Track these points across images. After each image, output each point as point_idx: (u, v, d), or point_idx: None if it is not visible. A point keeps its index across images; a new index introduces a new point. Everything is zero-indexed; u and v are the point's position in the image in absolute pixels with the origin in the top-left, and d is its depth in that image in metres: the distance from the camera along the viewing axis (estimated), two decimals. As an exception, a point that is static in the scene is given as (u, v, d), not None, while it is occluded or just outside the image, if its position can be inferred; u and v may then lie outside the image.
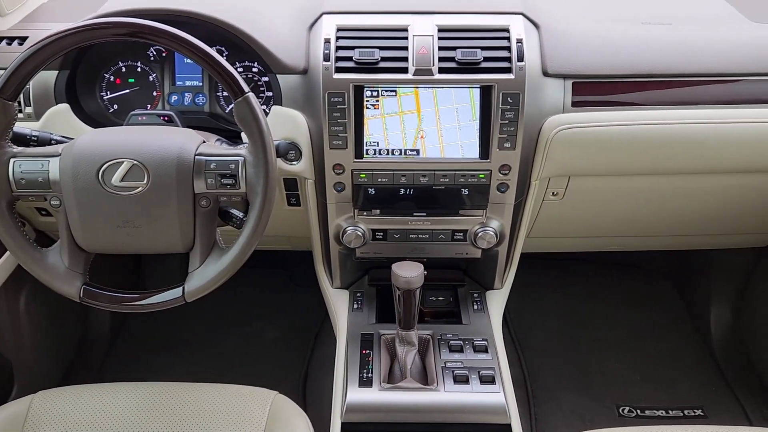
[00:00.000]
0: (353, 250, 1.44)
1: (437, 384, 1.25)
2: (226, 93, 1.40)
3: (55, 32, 1.00)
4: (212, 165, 1.06)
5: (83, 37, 1.01)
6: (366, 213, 1.38)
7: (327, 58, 1.25)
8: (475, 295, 1.50)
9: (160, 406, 1.17)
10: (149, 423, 1.13)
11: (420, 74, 1.25)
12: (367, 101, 1.27)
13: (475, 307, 1.47)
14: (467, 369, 1.27)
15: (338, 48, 1.27)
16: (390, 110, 1.28)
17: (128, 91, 1.42)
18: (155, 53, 1.42)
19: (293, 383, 1.88)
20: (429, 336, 1.36)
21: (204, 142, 1.11)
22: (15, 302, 1.68)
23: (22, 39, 1.37)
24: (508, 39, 1.27)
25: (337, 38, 1.28)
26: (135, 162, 1.04)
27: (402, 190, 1.34)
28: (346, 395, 1.23)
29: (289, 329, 2.08)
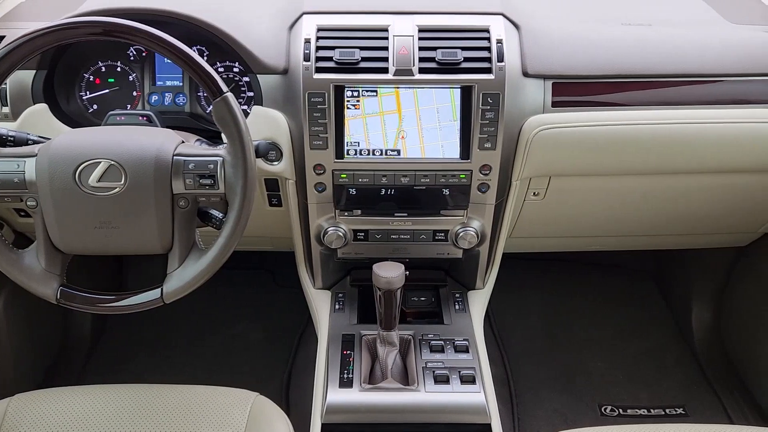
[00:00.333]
0: (335, 251, 1.44)
1: (418, 384, 1.25)
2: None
3: (29, 32, 0.99)
4: (191, 165, 1.06)
5: (57, 37, 1.00)
6: (347, 213, 1.38)
7: (307, 58, 1.25)
8: (457, 296, 1.50)
9: (139, 409, 1.16)
10: (127, 425, 1.12)
11: (400, 74, 1.25)
12: (348, 101, 1.27)
13: (457, 308, 1.47)
14: (448, 369, 1.27)
15: (318, 48, 1.26)
16: (371, 110, 1.28)
17: (108, 91, 1.41)
18: (135, 53, 1.41)
19: (277, 384, 1.88)
20: (410, 336, 1.35)
21: (183, 143, 1.11)
22: (-7, 304, 1.66)
23: None
24: (489, 39, 1.28)
25: (318, 38, 1.27)
26: (112, 162, 1.03)
27: (383, 191, 1.34)
28: (327, 396, 1.23)
29: (273, 330, 2.07)
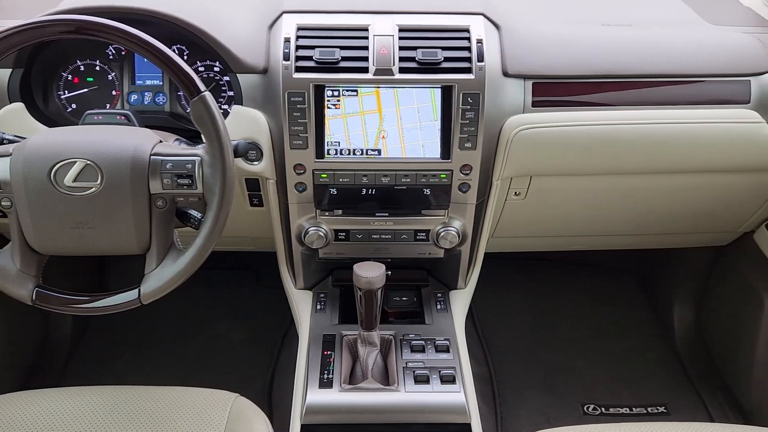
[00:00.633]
0: (316, 251, 1.44)
1: (398, 384, 1.24)
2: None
3: (0, 31, 0.98)
4: (168, 165, 1.05)
5: (30, 36, 0.99)
6: (328, 213, 1.38)
7: (287, 58, 1.25)
8: (439, 295, 1.50)
9: (117, 411, 1.14)
10: (105, 427, 1.11)
11: (380, 74, 1.25)
12: (328, 101, 1.27)
13: (439, 307, 1.47)
14: (428, 369, 1.27)
15: (298, 47, 1.26)
16: (351, 110, 1.28)
17: (87, 91, 1.40)
18: (114, 52, 1.40)
19: (260, 385, 1.87)
20: (391, 336, 1.35)
21: (161, 142, 1.10)
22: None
23: None
24: (469, 39, 1.28)
25: (298, 37, 1.27)
26: (88, 162, 1.02)
27: (364, 191, 1.34)
28: (306, 397, 1.23)
29: (257, 331, 2.07)
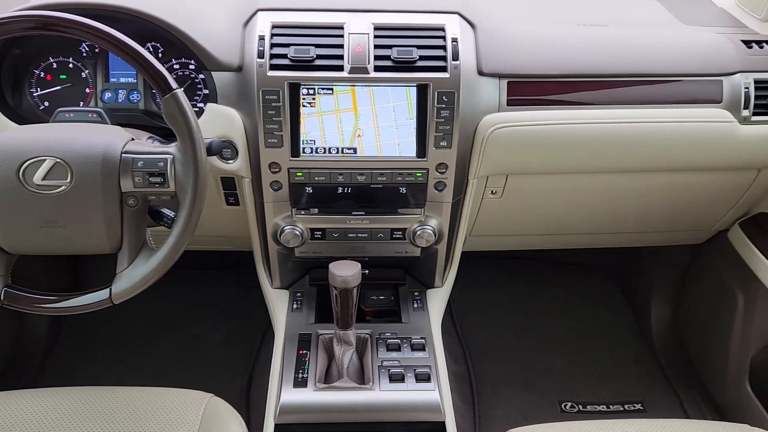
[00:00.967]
0: (292, 250, 1.43)
1: (373, 383, 1.24)
2: None
3: None
4: (140, 163, 1.04)
5: None
6: (304, 212, 1.37)
7: (261, 56, 1.24)
8: (416, 294, 1.50)
9: (90, 411, 1.13)
10: (78, 428, 1.10)
11: (356, 72, 1.25)
12: (304, 99, 1.26)
13: (416, 306, 1.47)
14: (403, 367, 1.27)
15: (273, 45, 1.25)
16: (327, 108, 1.28)
17: (59, 88, 1.38)
18: (88, 49, 1.39)
19: (238, 386, 1.86)
20: (367, 335, 1.35)
21: (133, 140, 1.09)
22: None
23: None
24: (444, 38, 1.28)
25: (272, 35, 1.26)
26: (58, 160, 1.01)
27: (340, 189, 1.33)
28: (280, 396, 1.22)
29: (236, 331, 2.06)
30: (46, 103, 1.38)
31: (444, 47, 1.27)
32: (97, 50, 1.39)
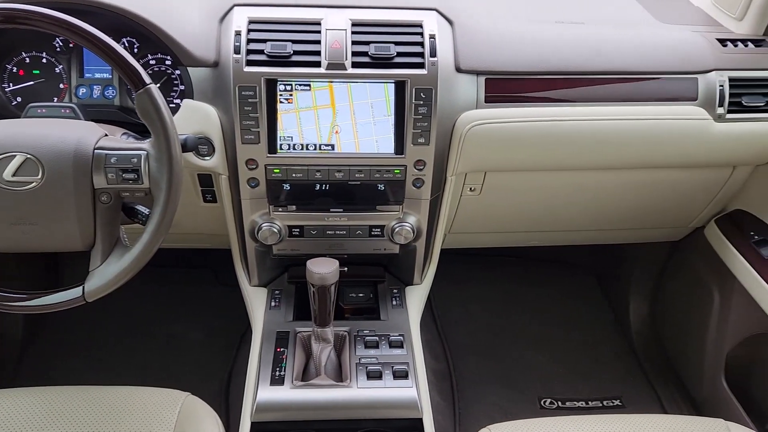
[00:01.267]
0: (270, 247, 1.42)
1: (350, 380, 1.24)
2: None
3: None
4: (113, 159, 1.03)
5: None
6: (281, 209, 1.36)
7: (237, 51, 1.23)
8: (395, 291, 1.50)
9: (65, 411, 1.12)
10: (53, 428, 1.09)
11: (333, 68, 1.24)
12: (281, 95, 1.26)
13: (394, 303, 1.47)
14: (381, 365, 1.27)
15: (249, 41, 1.24)
16: (304, 105, 1.27)
17: (33, 83, 1.36)
18: (62, 44, 1.36)
19: (217, 385, 1.85)
20: (346, 333, 1.35)
21: (106, 136, 1.08)
22: None
23: None
24: (422, 34, 1.28)
25: (249, 31, 1.25)
26: (28, 155, 1.00)
27: (317, 186, 1.33)
28: (257, 394, 1.21)
29: (215, 330, 2.04)
30: (19, 99, 1.36)
31: (422, 44, 1.27)
32: (72, 45, 1.37)
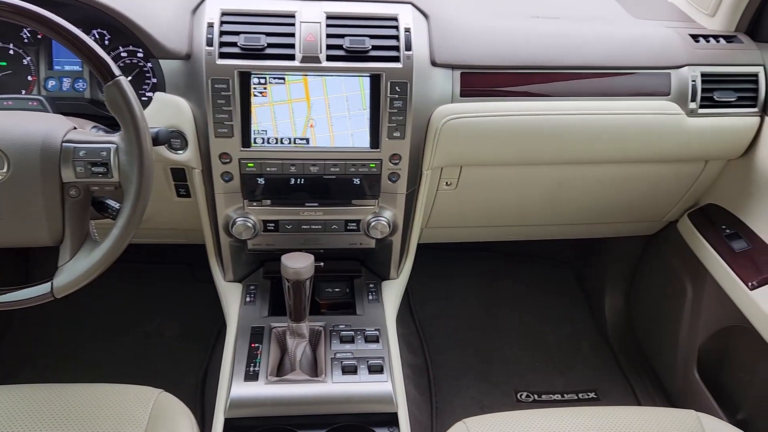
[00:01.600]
0: (245, 242, 1.41)
1: (325, 375, 1.23)
2: None
3: None
4: (81, 152, 1.01)
5: None
6: (256, 203, 1.35)
7: (210, 43, 1.22)
8: (371, 286, 1.50)
9: (32, 410, 1.10)
10: (22, 426, 1.07)
11: (307, 61, 1.23)
12: (255, 88, 1.24)
13: (370, 298, 1.46)
14: (356, 359, 1.26)
15: (222, 33, 1.23)
16: (278, 98, 1.26)
17: None
18: (29, 35, 1.33)
19: (193, 382, 1.83)
20: (321, 328, 1.34)
21: (75, 129, 1.06)
22: None
23: None
24: (397, 28, 1.27)
25: (222, 23, 1.24)
26: None
27: (292, 180, 1.32)
28: (230, 390, 1.20)
29: (191, 327, 2.02)
30: None
31: (397, 37, 1.26)
32: (40, 37, 1.34)
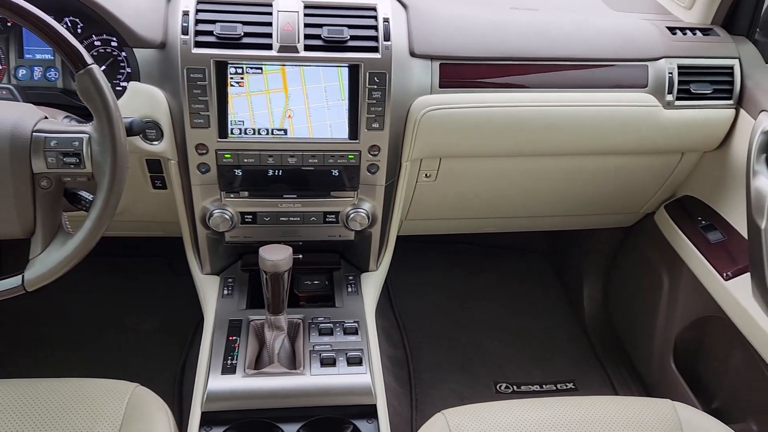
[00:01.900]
0: (222, 235, 1.39)
1: (303, 368, 1.22)
2: None
3: None
4: (53, 143, 0.99)
5: None
6: (233, 195, 1.34)
7: (185, 32, 1.20)
8: (350, 278, 1.49)
9: (7, 405, 1.08)
10: (-8, 422, 1.05)
11: (285, 51, 1.22)
12: (231, 78, 1.23)
13: (350, 290, 1.46)
14: (335, 351, 1.26)
15: (198, 21, 1.21)
16: (255, 88, 1.24)
17: None
18: None
19: (171, 375, 1.81)
20: (300, 320, 1.33)
21: (46, 118, 1.03)
22: None
23: None
24: (376, 18, 1.26)
25: (197, 11, 1.22)
26: None
27: (270, 172, 1.30)
28: (207, 383, 1.19)
29: (169, 320, 2.00)
30: None
31: (375, 27, 1.25)
32: (10, 24, 1.31)
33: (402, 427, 1.67)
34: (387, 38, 1.24)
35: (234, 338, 1.28)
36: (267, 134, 1.27)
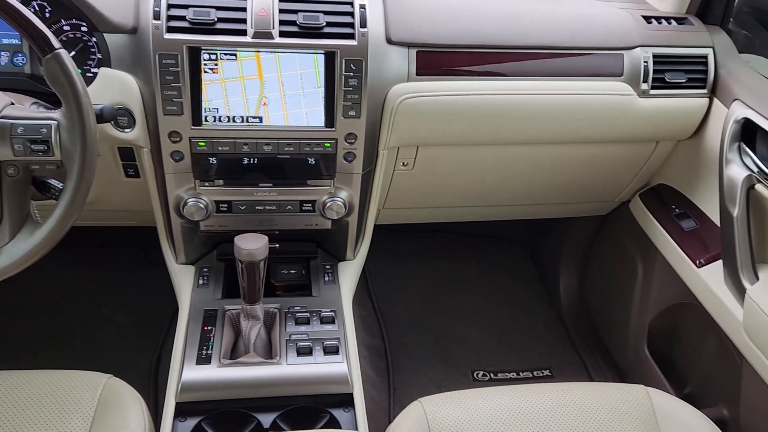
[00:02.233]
0: (197, 224, 1.38)
1: (280, 357, 1.22)
2: None
3: None
4: (19, 129, 0.97)
5: None
6: (208, 184, 1.32)
7: (157, 17, 1.17)
8: (327, 267, 1.48)
9: None
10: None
11: (259, 37, 1.20)
12: (205, 65, 1.21)
13: (327, 279, 1.45)
14: (312, 341, 1.25)
15: (170, 6, 1.19)
16: (230, 75, 1.22)
17: None
18: None
19: (147, 366, 1.79)
20: (276, 309, 1.32)
21: (12, 104, 1.01)
22: None
23: None
24: (352, 4, 1.25)
25: None
26: None
27: (245, 160, 1.29)
28: (182, 374, 1.18)
29: (145, 311, 1.97)
30: None
31: (352, 14, 1.24)
32: (-25, 8, 1.27)
33: (379, 416, 1.67)
34: (363, 25, 1.23)
35: (209, 328, 1.27)
36: (242, 122, 1.25)
